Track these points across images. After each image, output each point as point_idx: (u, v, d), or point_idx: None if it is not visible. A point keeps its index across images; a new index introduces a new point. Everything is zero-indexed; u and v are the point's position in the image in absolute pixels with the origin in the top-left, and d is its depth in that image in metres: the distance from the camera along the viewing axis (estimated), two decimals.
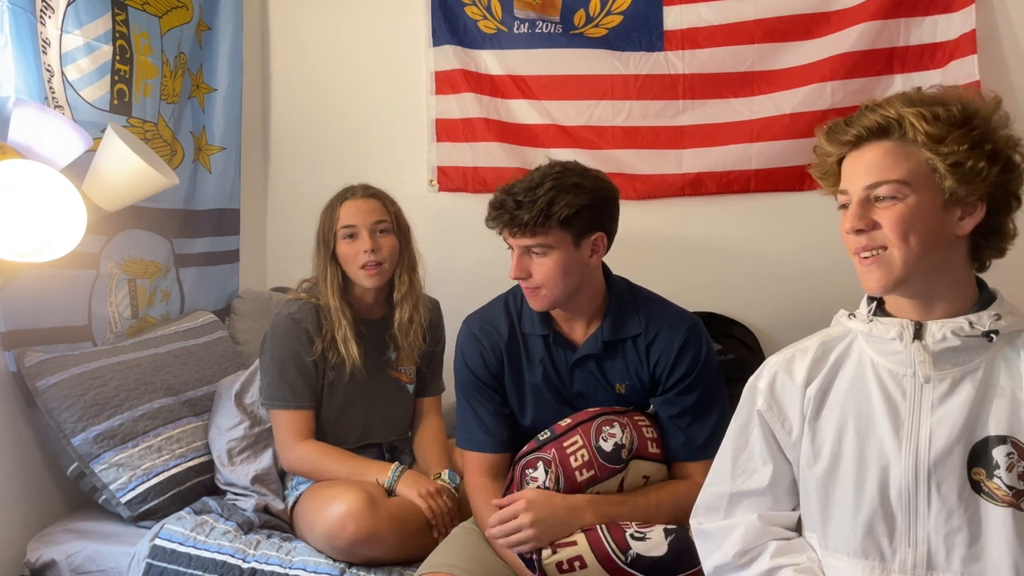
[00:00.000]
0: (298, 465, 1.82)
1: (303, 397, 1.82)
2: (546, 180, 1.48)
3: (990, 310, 1.10)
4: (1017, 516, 1.06)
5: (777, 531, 1.21)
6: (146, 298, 2.15)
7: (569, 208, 1.46)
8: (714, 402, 1.55)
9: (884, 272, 1.09)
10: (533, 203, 1.45)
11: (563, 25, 2.48)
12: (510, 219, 1.47)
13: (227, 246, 2.50)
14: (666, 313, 1.60)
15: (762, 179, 2.42)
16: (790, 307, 2.48)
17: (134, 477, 1.78)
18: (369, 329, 1.89)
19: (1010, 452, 1.06)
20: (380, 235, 1.84)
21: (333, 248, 1.85)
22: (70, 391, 1.77)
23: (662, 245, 2.46)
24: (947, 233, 1.09)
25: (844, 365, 1.19)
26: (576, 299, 1.56)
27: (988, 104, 1.11)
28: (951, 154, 1.06)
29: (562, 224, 1.46)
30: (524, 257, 1.50)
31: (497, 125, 2.54)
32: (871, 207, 1.10)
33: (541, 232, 1.47)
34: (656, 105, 2.45)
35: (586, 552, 1.39)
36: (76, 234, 1.52)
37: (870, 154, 1.11)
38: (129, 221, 2.04)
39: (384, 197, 1.91)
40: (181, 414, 1.94)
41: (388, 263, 1.85)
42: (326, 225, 1.87)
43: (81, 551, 1.74)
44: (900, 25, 2.29)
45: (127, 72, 2.01)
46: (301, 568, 1.61)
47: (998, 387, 1.08)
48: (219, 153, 2.42)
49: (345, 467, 1.78)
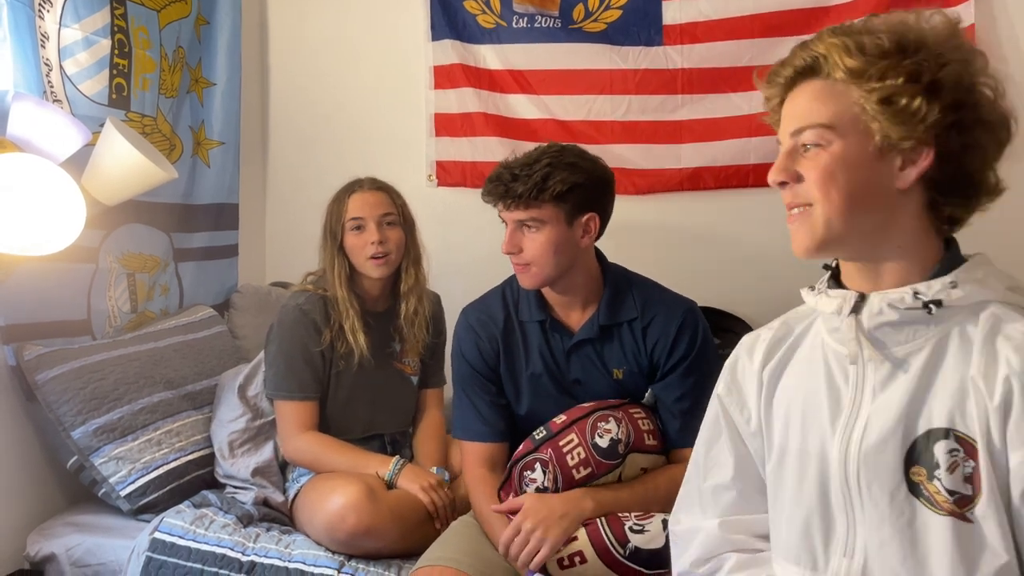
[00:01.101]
0: (299, 456, 1.82)
1: (309, 388, 1.83)
2: (543, 156, 1.51)
3: (947, 277, 0.91)
4: (960, 528, 0.86)
5: (740, 540, 1.06)
6: (145, 292, 2.15)
7: (563, 184, 1.48)
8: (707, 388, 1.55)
9: (806, 232, 0.95)
10: (529, 176, 1.48)
11: (562, 20, 2.47)
12: (505, 191, 1.49)
13: (226, 240, 2.50)
14: (662, 297, 1.61)
15: (761, 174, 2.38)
16: (789, 302, 2.45)
17: (134, 470, 1.78)
18: (375, 320, 1.90)
19: (953, 449, 0.87)
20: (387, 227, 1.86)
21: (341, 240, 1.86)
22: (70, 384, 1.77)
23: (660, 240, 2.46)
24: (885, 186, 0.92)
25: (800, 346, 1.05)
26: (568, 280, 1.57)
27: (937, 29, 0.92)
28: (877, 90, 0.89)
29: (555, 199, 1.49)
30: (517, 232, 1.52)
31: (496, 120, 2.54)
32: (798, 157, 0.96)
33: (535, 205, 1.49)
34: (655, 100, 2.44)
35: (586, 546, 1.40)
36: (75, 228, 1.53)
37: (799, 96, 0.96)
38: (128, 215, 2.05)
39: (391, 190, 1.93)
40: (180, 408, 1.95)
41: (394, 254, 1.87)
42: (334, 217, 1.88)
43: (81, 544, 1.75)
44: None
45: (126, 66, 2.01)
46: (300, 561, 1.61)
47: (946, 370, 0.89)
48: (218, 147, 2.42)
49: (346, 459, 1.78)
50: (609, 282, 1.61)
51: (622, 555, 1.37)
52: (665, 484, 1.48)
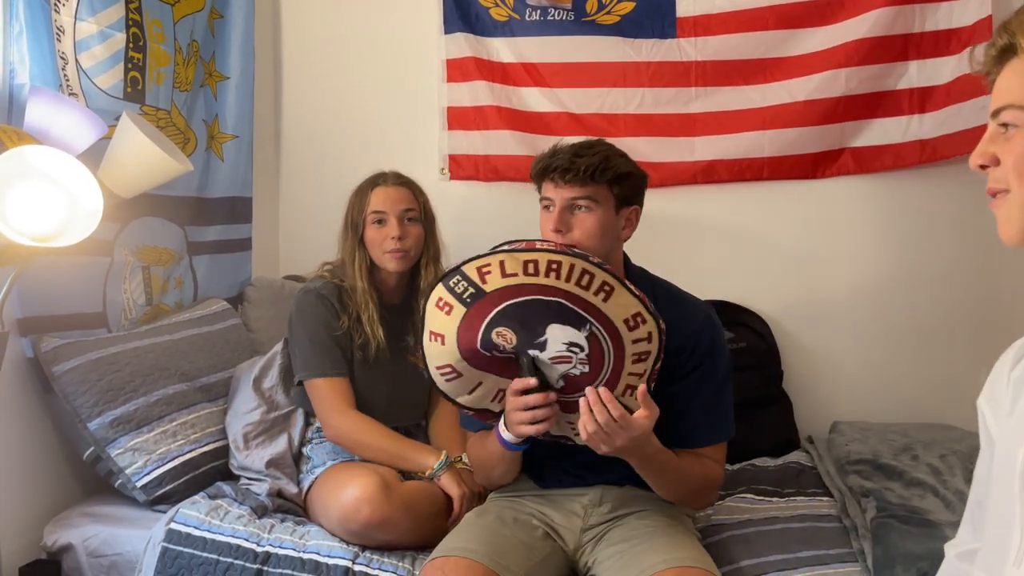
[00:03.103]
0: (344, 435, 1.80)
1: (340, 365, 1.83)
2: (596, 143, 1.53)
3: None
4: None
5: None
6: (160, 285, 2.16)
7: (623, 167, 1.50)
8: (722, 392, 1.56)
9: (1005, 219, 0.88)
10: (594, 154, 1.48)
11: (575, 12, 2.47)
12: (568, 165, 1.47)
13: (240, 234, 2.51)
14: (682, 300, 1.60)
15: (775, 167, 2.41)
16: (802, 295, 2.47)
17: (149, 461, 1.79)
18: (390, 313, 1.91)
19: None
20: (408, 223, 1.87)
21: (362, 232, 1.87)
22: (86, 376, 1.79)
23: (674, 233, 2.46)
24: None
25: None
26: None
27: None
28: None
29: (613, 181, 1.49)
30: (566, 212, 1.49)
31: (509, 113, 2.53)
32: (998, 139, 0.88)
33: (594, 184, 1.48)
34: (668, 92, 2.43)
35: None
36: (93, 220, 1.53)
37: (1002, 76, 0.89)
38: (143, 209, 2.06)
39: (414, 186, 1.93)
40: (195, 400, 1.96)
41: (413, 250, 1.88)
42: (356, 209, 1.89)
43: (97, 535, 1.76)
44: (915, 11, 2.28)
45: (140, 60, 2.01)
46: (315, 552, 1.62)
47: None
48: (231, 141, 2.43)
49: (393, 444, 1.78)
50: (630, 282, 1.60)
51: None
52: (700, 472, 1.51)
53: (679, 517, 1.60)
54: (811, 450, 2.20)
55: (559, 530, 1.57)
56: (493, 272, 1.35)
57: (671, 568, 1.38)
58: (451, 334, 1.40)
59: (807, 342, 2.47)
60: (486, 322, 1.38)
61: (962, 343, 2.37)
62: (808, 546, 1.63)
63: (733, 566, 1.57)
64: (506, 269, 1.35)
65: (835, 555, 1.59)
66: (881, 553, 1.52)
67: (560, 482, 1.63)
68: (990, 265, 2.32)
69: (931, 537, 1.54)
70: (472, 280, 1.36)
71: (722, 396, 1.55)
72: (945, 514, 1.67)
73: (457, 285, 1.38)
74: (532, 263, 1.35)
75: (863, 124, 2.35)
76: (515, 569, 1.43)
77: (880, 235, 2.42)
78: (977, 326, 2.36)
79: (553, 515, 1.59)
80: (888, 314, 2.41)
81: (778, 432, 2.31)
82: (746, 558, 1.60)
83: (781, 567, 1.56)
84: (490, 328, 1.38)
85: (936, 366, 2.39)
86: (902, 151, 2.33)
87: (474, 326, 1.39)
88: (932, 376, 2.40)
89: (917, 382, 2.41)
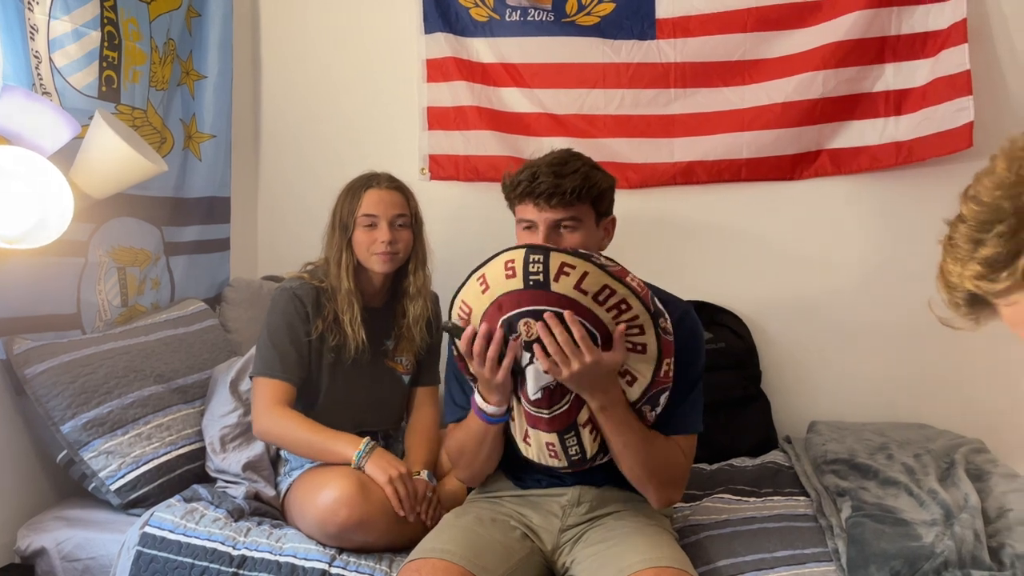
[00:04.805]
0: (268, 431, 1.77)
1: (290, 371, 1.80)
2: (570, 159, 1.53)
3: None
4: None
5: None
6: (136, 286, 2.14)
7: (603, 183, 1.53)
8: (695, 387, 1.56)
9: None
10: (574, 174, 1.48)
11: (555, 13, 2.47)
12: (553, 188, 1.47)
13: (217, 234, 2.49)
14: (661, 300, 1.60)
15: (753, 168, 2.42)
16: (781, 296, 2.49)
17: (124, 464, 1.78)
18: (370, 316, 1.89)
19: None
20: (399, 228, 1.85)
21: (351, 233, 1.85)
22: (59, 378, 1.77)
23: (653, 234, 2.46)
24: None
25: None
26: None
27: None
28: None
29: (595, 200, 1.51)
30: (553, 233, 1.50)
31: (489, 113, 2.53)
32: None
33: (578, 204, 1.49)
34: (648, 94, 2.44)
35: None
36: (64, 221, 1.52)
37: None
38: (119, 209, 2.03)
39: (407, 191, 1.92)
40: (171, 402, 1.94)
41: (402, 253, 1.87)
42: (346, 210, 1.86)
43: (71, 539, 1.74)
44: (892, 14, 2.30)
45: (115, 58, 1.99)
46: (292, 555, 1.61)
47: None
48: (209, 141, 2.41)
49: (314, 436, 1.74)
50: None
51: None
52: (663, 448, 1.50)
53: (657, 517, 1.61)
54: (789, 450, 2.21)
55: (537, 531, 1.57)
56: (571, 276, 1.34)
57: (648, 568, 1.38)
58: (495, 292, 1.38)
59: (785, 342, 2.48)
60: (527, 309, 1.37)
61: (939, 343, 2.39)
62: (785, 546, 1.63)
63: (710, 566, 1.58)
64: (583, 283, 1.35)
65: (811, 554, 1.60)
66: (855, 553, 1.53)
67: (538, 483, 1.63)
68: None
69: (904, 536, 1.56)
70: (548, 269, 1.34)
71: (694, 391, 1.56)
72: (918, 513, 1.68)
73: (534, 264, 1.35)
74: (609, 292, 1.36)
75: (840, 126, 2.37)
76: (493, 570, 1.43)
77: (857, 236, 2.44)
78: None
79: (531, 516, 1.59)
80: (866, 314, 2.43)
81: (756, 432, 2.32)
82: (723, 558, 1.60)
83: (758, 567, 1.57)
84: (523, 316, 1.37)
85: (913, 366, 2.42)
86: (878, 153, 2.35)
87: (518, 303, 1.37)
88: (909, 376, 2.42)
89: (894, 382, 2.44)
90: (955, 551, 1.48)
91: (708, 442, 1.62)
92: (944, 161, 2.29)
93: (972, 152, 2.24)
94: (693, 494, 1.93)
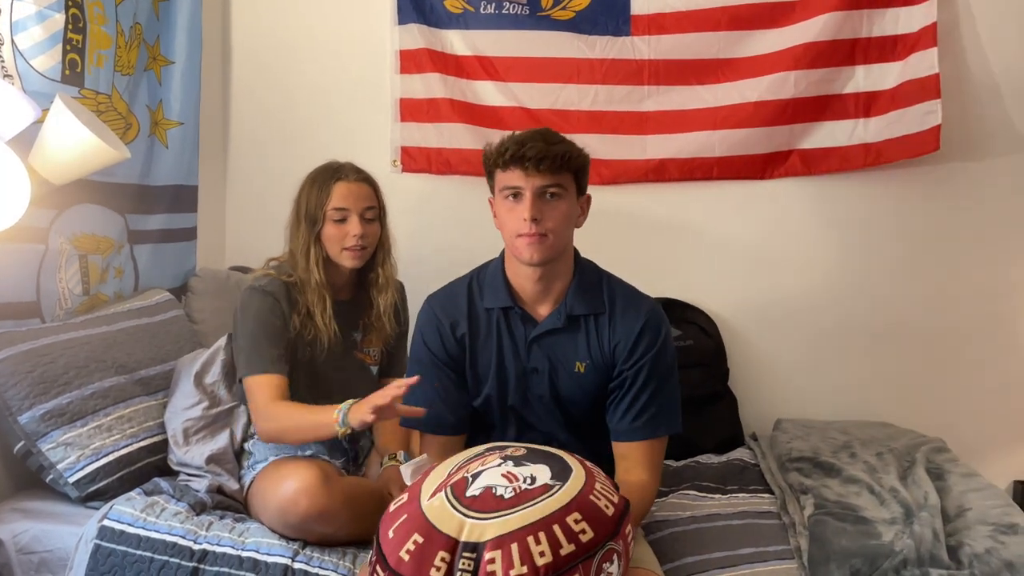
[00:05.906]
0: (271, 429, 1.72)
1: (280, 363, 1.76)
2: (553, 133, 1.55)
3: None
4: None
5: None
6: (98, 275, 2.10)
7: (583, 158, 1.55)
8: (663, 386, 1.57)
9: None
10: (561, 143, 1.51)
11: (530, 7, 2.46)
12: (543, 153, 1.47)
13: (184, 223, 2.45)
14: (629, 295, 1.62)
15: (725, 166, 2.43)
16: (750, 294, 2.51)
17: (83, 456, 1.74)
18: (340, 308, 1.87)
19: None
20: (368, 222, 1.82)
21: (320, 227, 1.81)
22: (17, 368, 1.73)
23: (624, 230, 2.47)
24: None
25: None
26: (559, 262, 1.57)
27: None
28: None
29: (577, 172, 1.53)
30: (538, 199, 1.50)
31: (462, 106, 2.52)
32: None
33: (565, 171, 1.51)
34: (621, 90, 2.44)
35: None
36: (19, 207, 1.48)
37: None
38: (81, 195, 1.99)
39: (374, 182, 1.89)
40: (133, 393, 1.91)
41: (371, 247, 1.85)
42: (314, 203, 1.81)
43: (28, 531, 1.70)
44: (863, 16, 2.32)
45: (80, 42, 1.95)
46: (254, 550, 1.59)
47: None
48: (176, 128, 2.37)
49: (305, 419, 1.67)
50: (579, 273, 1.61)
51: None
52: (639, 515, 1.50)
53: None
54: (755, 447, 2.23)
55: None
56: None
57: None
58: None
59: (754, 340, 2.51)
60: None
61: (905, 342, 2.43)
62: (749, 543, 1.65)
63: (676, 563, 1.59)
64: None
65: (774, 552, 1.62)
66: (816, 550, 1.55)
67: None
68: (933, 266, 2.39)
69: (865, 535, 1.58)
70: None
71: (664, 391, 1.57)
72: (878, 511, 1.71)
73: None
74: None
75: (811, 126, 2.39)
76: None
77: (826, 235, 2.46)
78: (919, 326, 2.42)
79: None
80: (833, 313, 2.46)
81: (723, 429, 2.34)
82: (689, 555, 1.61)
83: (723, 564, 1.58)
84: None
85: (878, 365, 2.45)
86: (848, 154, 2.37)
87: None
88: (874, 375, 2.46)
89: (860, 380, 2.47)
90: (914, 549, 1.51)
91: (674, 438, 1.62)
92: (912, 163, 2.33)
93: (939, 155, 2.28)
94: (659, 490, 1.94)
